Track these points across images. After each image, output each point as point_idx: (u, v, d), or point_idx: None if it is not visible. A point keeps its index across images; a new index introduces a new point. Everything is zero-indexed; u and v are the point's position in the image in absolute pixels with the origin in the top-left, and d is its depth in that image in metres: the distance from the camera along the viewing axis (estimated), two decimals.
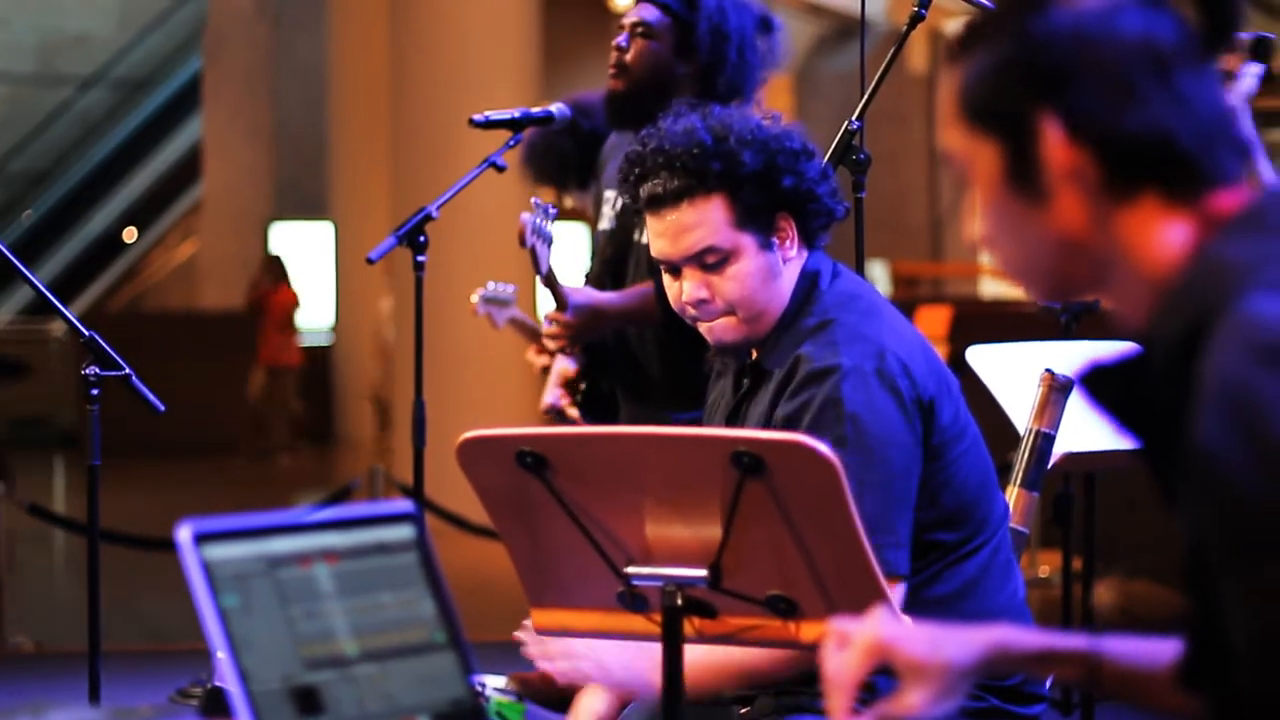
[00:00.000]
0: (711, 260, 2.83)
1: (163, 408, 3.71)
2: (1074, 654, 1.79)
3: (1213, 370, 1.46)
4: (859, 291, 2.89)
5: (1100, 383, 1.61)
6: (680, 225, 2.83)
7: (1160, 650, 1.74)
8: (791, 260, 2.87)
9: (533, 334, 4.46)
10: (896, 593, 2.65)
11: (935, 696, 1.77)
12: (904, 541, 2.69)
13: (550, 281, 4.08)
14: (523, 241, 4.00)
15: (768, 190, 2.82)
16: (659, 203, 2.85)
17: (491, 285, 4.41)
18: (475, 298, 4.47)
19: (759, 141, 2.82)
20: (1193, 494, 1.48)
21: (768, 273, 2.84)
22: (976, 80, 1.63)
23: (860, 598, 2.32)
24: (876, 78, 3.62)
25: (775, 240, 2.84)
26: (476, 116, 4.44)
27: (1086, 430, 3.48)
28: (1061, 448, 3.45)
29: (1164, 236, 1.58)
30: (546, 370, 4.38)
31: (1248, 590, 1.44)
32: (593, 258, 4.47)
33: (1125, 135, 1.57)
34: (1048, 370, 3.25)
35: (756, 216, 2.83)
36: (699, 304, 2.86)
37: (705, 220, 2.82)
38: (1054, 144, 1.59)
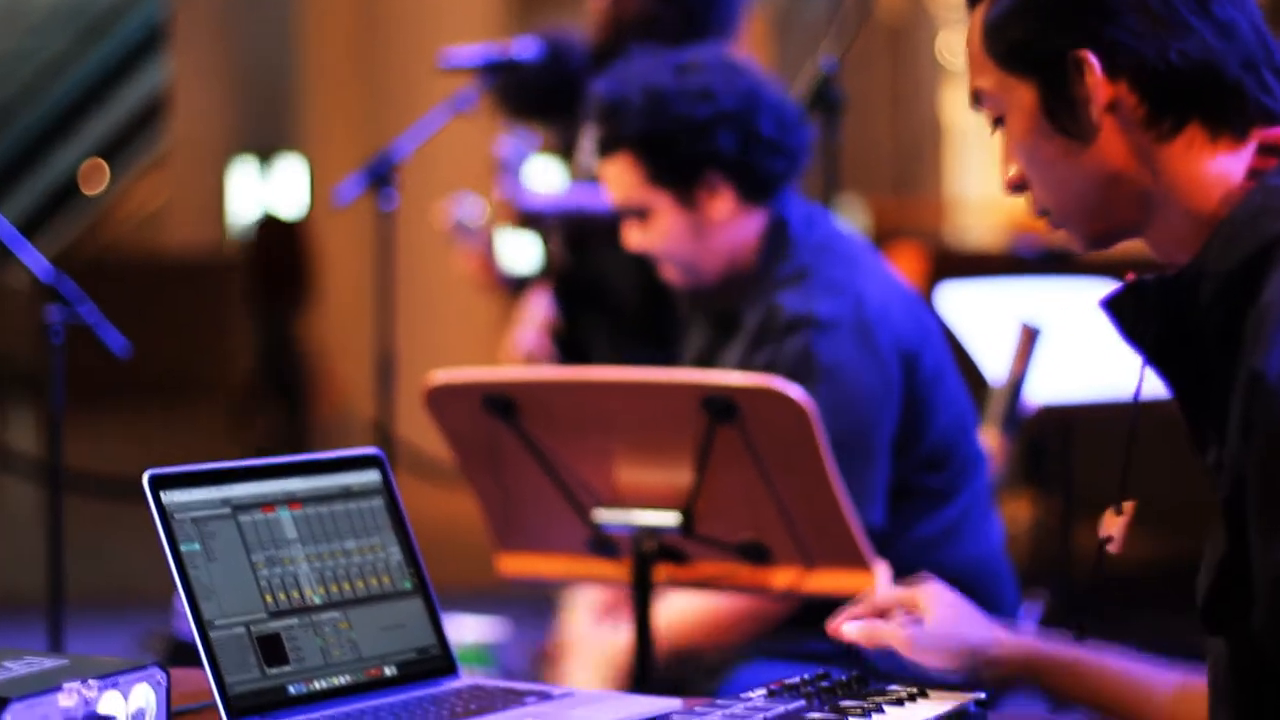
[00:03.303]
0: (633, 213, 2.81)
1: (126, 353, 3.66)
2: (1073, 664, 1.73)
3: (1277, 300, 1.42)
4: (836, 237, 2.83)
5: (1130, 311, 1.56)
6: (604, 177, 2.85)
7: (1160, 677, 1.68)
8: (730, 219, 2.77)
9: (498, 279, 4.43)
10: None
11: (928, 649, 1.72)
12: (878, 496, 2.64)
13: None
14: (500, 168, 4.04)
15: (675, 151, 2.74)
16: (597, 152, 2.85)
17: (464, 203, 4.39)
18: (447, 216, 4.44)
19: (657, 104, 2.74)
20: (1241, 424, 1.43)
21: (690, 230, 2.77)
22: (1006, 20, 1.57)
23: (833, 543, 2.30)
24: (850, 21, 3.58)
25: (699, 197, 2.76)
26: (444, 60, 4.41)
27: (1063, 382, 3.47)
28: (1038, 400, 3.43)
29: (1213, 168, 1.53)
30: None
31: (1273, 529, 1.40)
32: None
33: (1167, 66, 1.52)
34: (1025, 323, 3.24)
35: (672, 174, 2.76)
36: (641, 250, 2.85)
37: (620, 177, 2.79)
38: (1093, 80, 1.53)
